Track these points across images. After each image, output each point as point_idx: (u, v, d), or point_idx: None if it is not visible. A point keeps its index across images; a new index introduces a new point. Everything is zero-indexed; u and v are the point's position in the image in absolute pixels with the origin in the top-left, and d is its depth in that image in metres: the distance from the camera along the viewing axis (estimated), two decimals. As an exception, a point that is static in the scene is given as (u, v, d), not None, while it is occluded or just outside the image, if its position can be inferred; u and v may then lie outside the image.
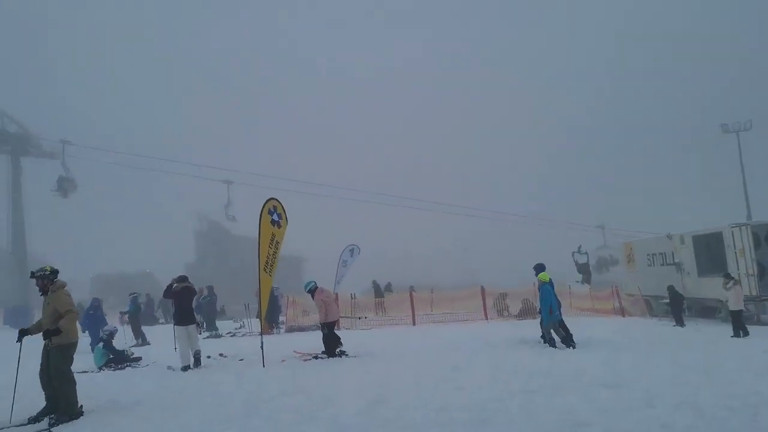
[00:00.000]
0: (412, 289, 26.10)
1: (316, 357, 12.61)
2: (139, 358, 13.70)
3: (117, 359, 13.23)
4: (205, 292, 22.42)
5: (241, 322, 23.91)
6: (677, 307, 20.19)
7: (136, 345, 17.47)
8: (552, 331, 13.94)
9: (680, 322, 19.70)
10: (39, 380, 8.21)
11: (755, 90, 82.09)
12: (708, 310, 21.53)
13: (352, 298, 22.95)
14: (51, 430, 7.65)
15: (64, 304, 8.09)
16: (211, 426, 7.34)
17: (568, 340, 13.54)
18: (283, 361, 12.47)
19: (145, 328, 19.73)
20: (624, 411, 7.22)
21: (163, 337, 17.58)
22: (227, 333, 21.00)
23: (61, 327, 7.92)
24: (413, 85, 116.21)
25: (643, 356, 12.02)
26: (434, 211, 56.19)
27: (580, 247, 34.63)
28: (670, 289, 21.06)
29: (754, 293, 20.57)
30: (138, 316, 19.75)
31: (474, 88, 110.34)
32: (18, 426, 7.81)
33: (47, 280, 8.27)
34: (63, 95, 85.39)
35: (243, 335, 20.29)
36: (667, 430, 6.40)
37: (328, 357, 12.58)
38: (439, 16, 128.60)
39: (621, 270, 28.98)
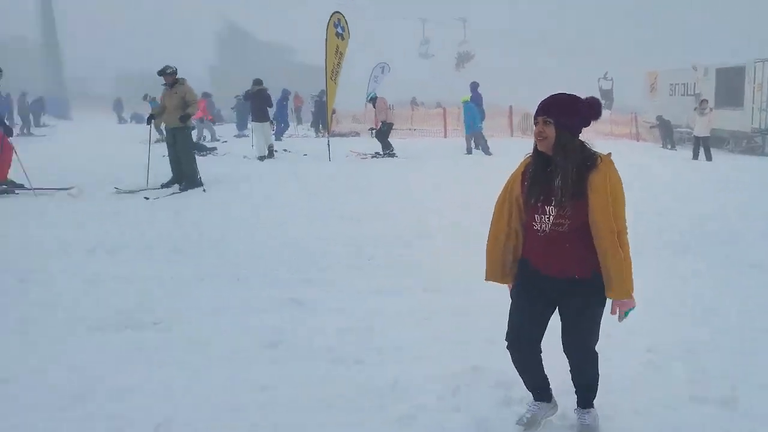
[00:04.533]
0: (440, 104, 28.59)
1: (374, 156, 14.56)
2: (214, 149, 15.84)
3: (199, 148, 15.24)
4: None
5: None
6: (668, 133, 22.87)
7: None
8: (473, 140, 16.56)
9: (671, 146, 22.26)
10: (168, 158, 10.17)
11: None
12: (719, 141, 22.94)
13: (391, 108, 24.52)
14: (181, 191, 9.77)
15: (193, 94, 9.83)
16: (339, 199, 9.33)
17: (486, 149, 16.27)
18: (347, 156, 14.47)
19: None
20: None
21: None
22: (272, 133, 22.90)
23: (190, 113, 9.70)
24: None
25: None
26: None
27: (606, 73, 35.11)
28: (659, 118, 23.56)
29: (763, 126, 21.94)
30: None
31: None
32: (153, 189, 9.90)
33: (174, 76, 9.84)
34: None
35: (289, 136, 22.17)
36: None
37: (385, 156, 14.52)
38: None
39: (642, 97, 30.03)
